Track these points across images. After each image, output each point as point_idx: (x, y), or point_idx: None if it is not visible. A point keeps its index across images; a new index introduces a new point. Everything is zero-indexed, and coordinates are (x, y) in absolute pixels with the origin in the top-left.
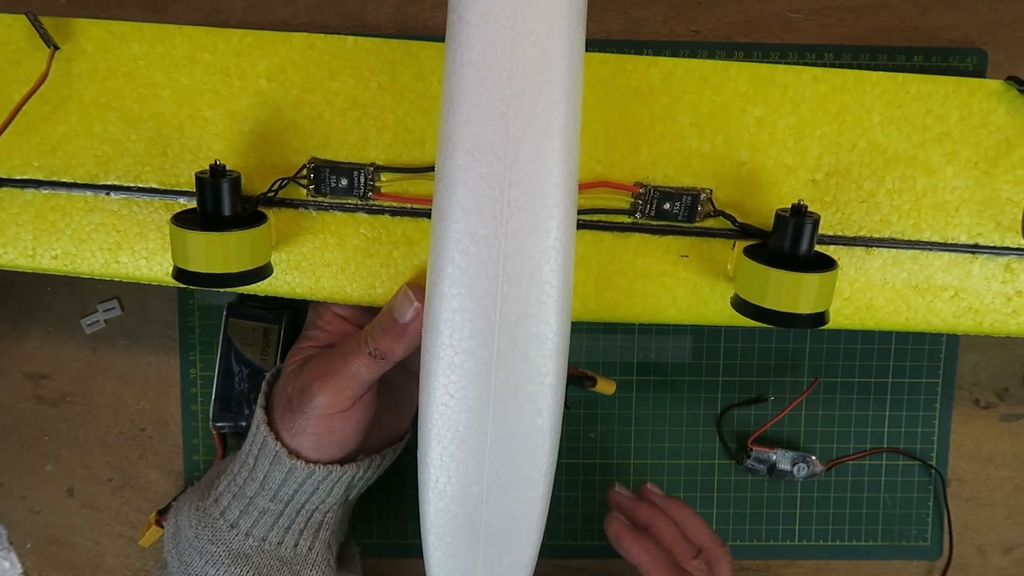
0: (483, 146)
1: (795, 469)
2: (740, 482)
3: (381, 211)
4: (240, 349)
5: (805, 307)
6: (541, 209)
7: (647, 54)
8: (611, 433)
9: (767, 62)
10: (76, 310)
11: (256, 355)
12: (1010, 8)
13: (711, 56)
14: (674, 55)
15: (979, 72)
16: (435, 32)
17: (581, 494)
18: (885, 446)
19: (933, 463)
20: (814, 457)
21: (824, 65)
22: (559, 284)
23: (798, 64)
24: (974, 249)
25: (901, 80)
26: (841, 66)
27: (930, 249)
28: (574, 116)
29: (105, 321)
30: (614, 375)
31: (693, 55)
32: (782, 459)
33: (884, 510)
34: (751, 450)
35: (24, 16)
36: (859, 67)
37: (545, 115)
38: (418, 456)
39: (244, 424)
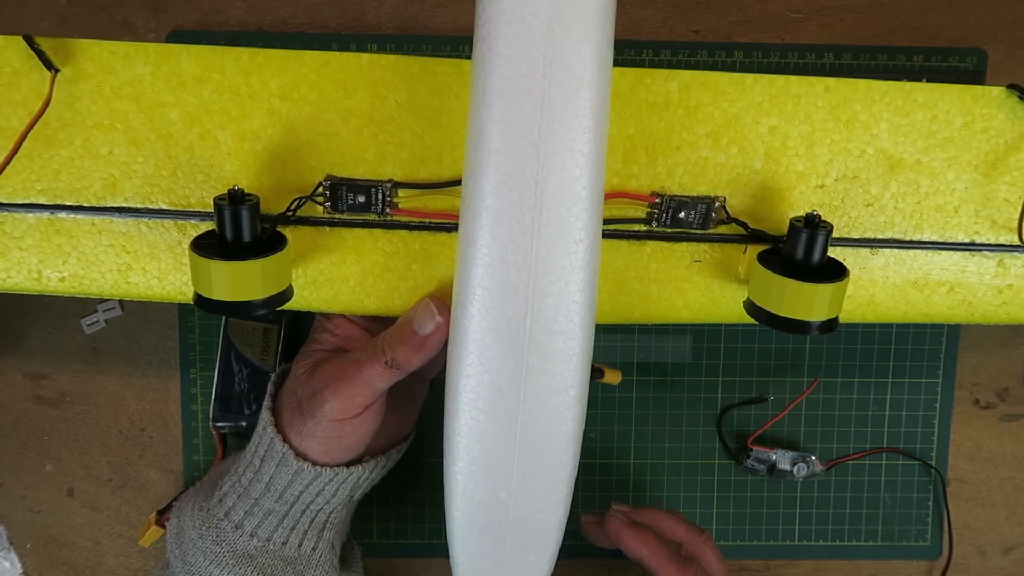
0: (514, 174)
1: (795, 469)
2: (740, 482)
3: (399, 226)
4: (240, 349)
5: (819, 315)
6: (570, 232)
7: (647, 53)
8: (611, 433)
9: (767, 62)
10: (76, 310)
11: (256, 355)
12: (1010, 8)
13: (711, 55)
14: (674, 55)
15: (979, 71)
16: (436, 32)
17: (581, 494)
18: (885, 446)
19: (933, 463)
20: (814, 457)
21: (824, 65)
22: (585, 301)
23: (798, 64)
24: (971, 247)
25: (909, 89)
26: (841, 65)
27: (930, 248)
28: (602, 141)
29: (105, 321)
30: None
31: (693, 55)
32: (782, 459)
33: (884, 510)
34: (751, 450)
35: (20, 38)
36: (859, 67)
37: (577, 143)
38: (444, 465)
39: (244, 424)
